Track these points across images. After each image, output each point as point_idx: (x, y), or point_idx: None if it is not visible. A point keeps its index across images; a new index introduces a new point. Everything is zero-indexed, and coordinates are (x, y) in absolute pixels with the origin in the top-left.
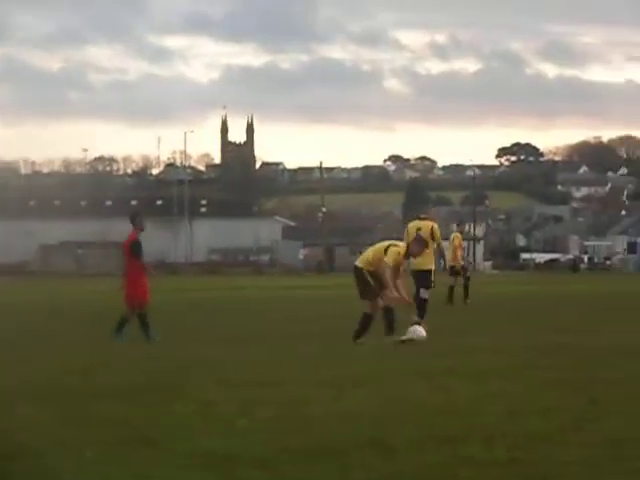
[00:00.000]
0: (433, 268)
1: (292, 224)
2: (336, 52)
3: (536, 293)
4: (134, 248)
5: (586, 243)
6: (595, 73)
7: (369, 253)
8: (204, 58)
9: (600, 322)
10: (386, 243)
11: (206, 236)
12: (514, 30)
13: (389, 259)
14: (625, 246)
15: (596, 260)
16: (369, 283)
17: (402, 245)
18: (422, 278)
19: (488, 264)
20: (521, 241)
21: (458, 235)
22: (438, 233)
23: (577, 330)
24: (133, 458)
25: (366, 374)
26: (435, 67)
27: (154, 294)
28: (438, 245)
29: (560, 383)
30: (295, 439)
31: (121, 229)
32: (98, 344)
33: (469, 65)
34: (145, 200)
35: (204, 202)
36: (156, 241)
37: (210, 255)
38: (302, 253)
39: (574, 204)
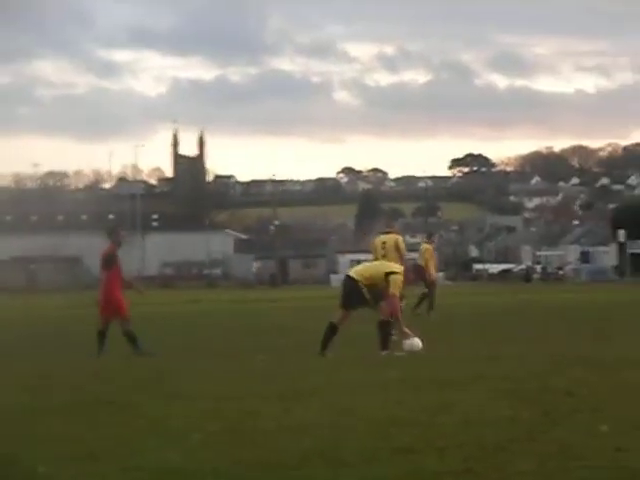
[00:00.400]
0: None
1: (244, 237)
2: (285, 64)
3: (489, 304)
4: (104, 260)
5: (538, 253)
6: (545, 83)
7: (367, 270)
8: (152, 72)
9: (553, 332)
10: (384, 267)
11: (158, 250)
12: (463, 41)
13: (395, 290)
14: (578, 256)
15: (549, 270)
16: (363, 295)
17: (399, 269)
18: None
19: (441, 275)
20: (474, 252)
21: (429, 247)
22: (402, 246)
23: (530, 340)
24: (84, 475)
25: (318, 386)
26: (384, 79)
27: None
28: (401, 257)
29: (513, 393)
30: (247, 452)
31: (73, 244)
32: (48, 360)
33: (419, 76)
34: (97, 214)
35: (156, 216)
36: None
37: (163, 269)
38: (255, 266)
39: (526, 214)
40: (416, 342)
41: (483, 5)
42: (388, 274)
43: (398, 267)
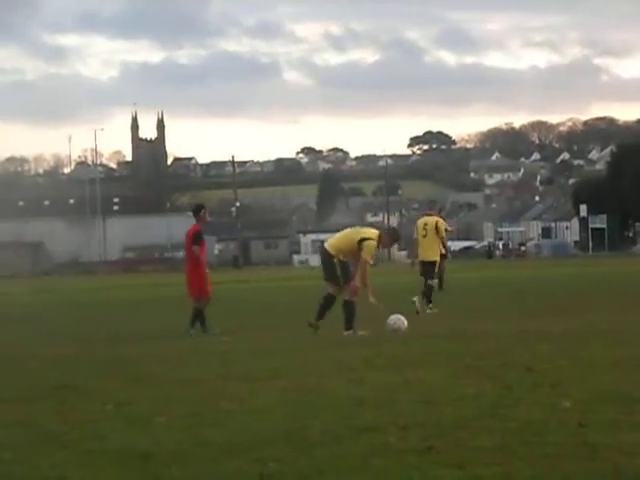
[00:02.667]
0: (438, 260)
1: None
2: (233, 46)
3: (450, 281)
4: (195, 237)
5: (500, 229)
6: (495, 59)
7: (340, 240)
8: (100, 56)
9: (514, 308)
10: (358, 234)
11: (120, 234)
12: (410, 19)
13: (367, 255)
14: (539, 231)
15: (511, 246)
16: (336, 272)
17: (373, 234)
18: (428, 269)
19: (403, 254)
20: None
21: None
22: (442, 227)
23: (492, 316)
24: (48, 459)
25: (282, 367)
26: (333, 58)
27: (67, 293)
28: (442, 239)
29: (475, 370)
30: (211, 434)
31: (34, 229)
32: (10, 345)
33: (367, 55)
34: (57, 199)
35: (117, 200)
36: (69, 240)
37: (125, 253)
38: (217, 248)
39: (487, 191)
40: (402, 319)
41: None
42: (361, 241)
43: (372, 233)
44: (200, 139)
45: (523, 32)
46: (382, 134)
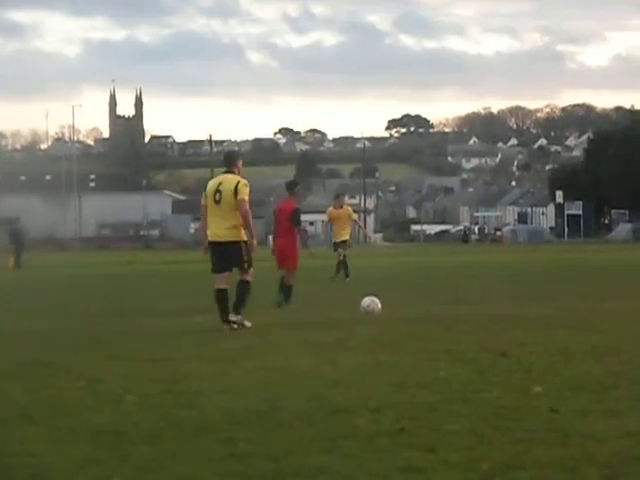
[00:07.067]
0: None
1: (182, 198)
2: (189, 25)
3: (426, 264)
4: (296, 216)
5: (476, 214)
6: (456, 44)
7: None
8: (60, 33)
9: (489, 293)
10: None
11: (95, 211)
12: (367, 2)
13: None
14: (515, 217)
15: (486, 231)
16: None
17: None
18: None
19: (379, 236)
20: (412, 213)
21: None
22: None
23: (466, 301)
24: (17, 435)
25: (253, 347)
26: (294, 40)
27: (42, 269)
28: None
29: (447, 354)
30: (182, 414)
31: (11, 204)
32: None
33: (326, 38)
34: (34, 175)
35: (93, 177)
36: (45, 216)
37: (100, 230)
38: (193, 227)
39: (464, 175)
40: (376, 304)
41: None
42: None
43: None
44: (176, 118)
45: (482, 18)
46: (358, 117)
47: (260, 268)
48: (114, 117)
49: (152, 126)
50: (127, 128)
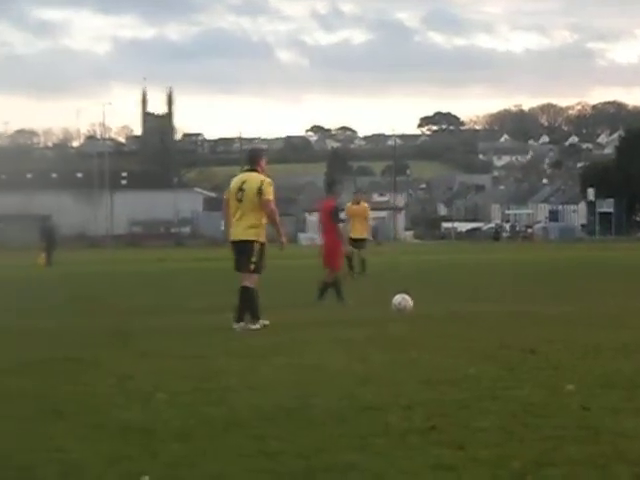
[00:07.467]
0: None
1: (213, 195)
2: (218, 22)
3: (456, 262)
4: (335, 215)
5: (507, 212)
6: (485, 42)
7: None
8: (88, 32)
9: (520, 291)
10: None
11: (127, 208)
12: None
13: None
14: (547, 214)
15: (517, 228)
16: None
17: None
18: None
19: (409, 234)
20: (442, 210)
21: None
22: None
23: (497, 299)
24: (47, 431)
25: (284, 344)
26: (323, 38)
27: (73, 266)
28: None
29: (478, 351)
30: (212, 411)
31: (42, 202)
32: (16, 317)
33: (356, 36)
34: (65, 173)
35: (124, 174)
36: (76, 214)
37: (131, 227)
38: (224, 225)
39: (495, 173)
40: (408, 302)
41: None
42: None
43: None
44: (206, 115)
45: (511, 16)
46: (389, 114)
47: (287, 267)
48: (145, 115)
49: (183, 124)
50: (158, 126)
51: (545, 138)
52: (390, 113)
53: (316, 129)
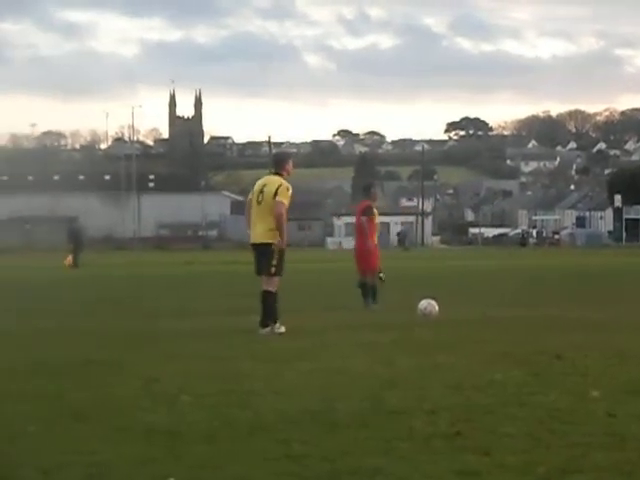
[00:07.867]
0: None
1: (241, 199)
2: (245, 26)
3: (484, 267)
4: (367, 210)
5: (534, 217)
6: (512, 48)
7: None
8: (115, 34)
9: (546, 296)
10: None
11: (154, 211)
12: (423, 5)
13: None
14: (574, 220)
15: (544, 234)
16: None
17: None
18: None
19: (436, 239)
20: (470, 216)
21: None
22: None
23: (523, 304)
24: (72, 433)
25: (309, 348)
26: (350, 43)
27: (100, 268)
28: None
29: (503, 356)
30: (237, 414)
31: (69, 204)
32: (43, 318)
33: (382, 41)
34: (93, 175)
35: (152, 177)
36: (103, 216)
37: (158, 230)
38: None
39: (523, 179)
40: (433, 306)
41: None
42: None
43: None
44: (235, 119)
45: (538, 22)
46: (416, 119)
47: (315, 270)
48: (174, 117)
49: (211, 127)
50: (186, 129)
51: (573, 144)
52: (418, 118)
53: (343, 133)
